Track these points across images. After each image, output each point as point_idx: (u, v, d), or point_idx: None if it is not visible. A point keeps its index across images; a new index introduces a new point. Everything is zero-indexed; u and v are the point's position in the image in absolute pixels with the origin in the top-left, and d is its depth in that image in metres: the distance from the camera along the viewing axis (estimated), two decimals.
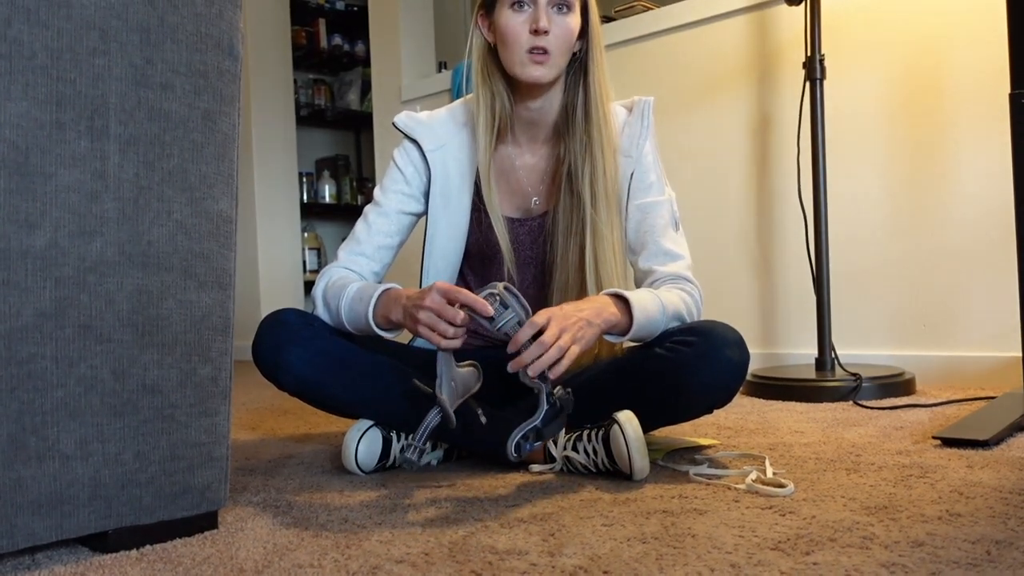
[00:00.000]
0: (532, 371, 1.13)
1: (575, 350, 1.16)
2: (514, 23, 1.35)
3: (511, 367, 1.14)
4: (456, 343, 1.18)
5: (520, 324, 1.15)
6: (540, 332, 1.14)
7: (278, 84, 4.21)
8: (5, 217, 0.83)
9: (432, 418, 1.18)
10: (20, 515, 0.86)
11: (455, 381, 1.20)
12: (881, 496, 1.08)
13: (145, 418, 0.94)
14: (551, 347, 1.13)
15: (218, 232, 1.00)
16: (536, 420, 1.15)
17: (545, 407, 1.16)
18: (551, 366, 1.14)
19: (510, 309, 1.14)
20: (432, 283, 1.21)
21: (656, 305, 1.28)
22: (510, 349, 1.14)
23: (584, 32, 1.40)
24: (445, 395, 1.18)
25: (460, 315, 1.16)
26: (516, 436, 1.15)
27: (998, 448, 1.35)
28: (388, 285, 1.33)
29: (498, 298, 1.14)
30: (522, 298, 1.16)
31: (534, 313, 1.16)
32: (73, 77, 0.87)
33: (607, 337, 1.27)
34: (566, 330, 1.15)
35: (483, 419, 1.24)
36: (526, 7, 1.35)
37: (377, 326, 1.30)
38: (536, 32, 1.33)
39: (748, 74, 2.55)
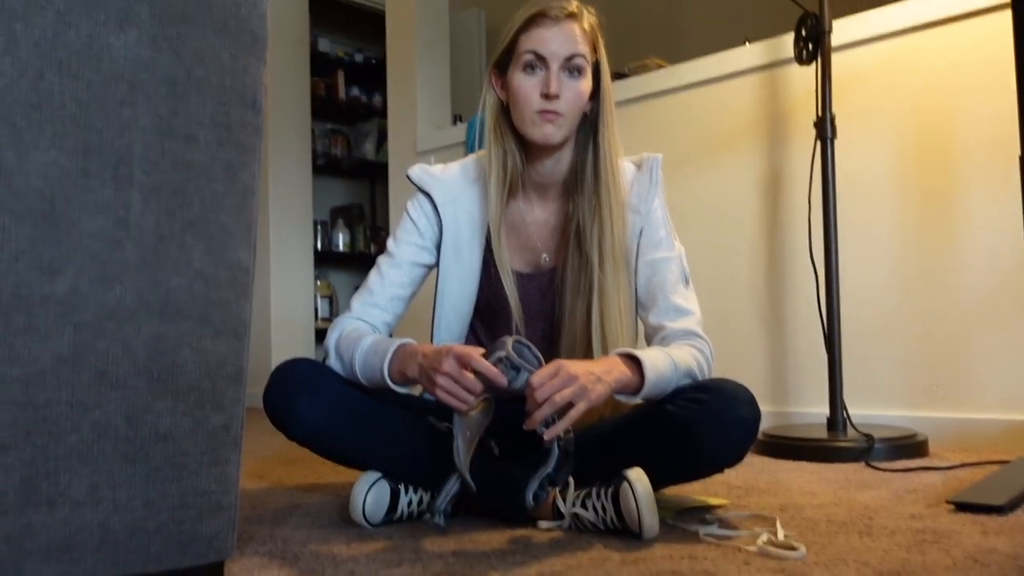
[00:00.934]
0: (539, 417, 1.17)
1: (582, 406, 1.17)
2: (526, 85, 1.37)
3: (527, 425, 1.17)
4: (474, 407, 1.21)
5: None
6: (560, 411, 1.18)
7: (296, 133, 4.28)
8: (29, 264, 0.84)
9: (452, 485, 1.20)
10: (29, 560, 0.85)
11: (470, 431, 1.22)
12: (894, 561, 1.07)
13: (156, 465, 0.94)
14: (558, 394, 1.15)
15: (235, 282, 1.01)
16: (548, 467, 1.17)
17: (556, 453, 1.17)
18: (553, 422, 1.16)
19: (522, 371, 1.16)
20: (448, 346, 1.23)
21: (668, 364, 1.28)
22: (526, 427, 1.18)
23: (596, 93, 1.42)
24: (462, 458, 1.19)
25: (478, 386, 1.19)
26: (533, 485, 1.16)
27: (1013, 514, 1.33)
28: (403, 340, 1.34)
29: (508, 361, 1.16)
30: (534, 349, 1.18)
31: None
32: (100, 127, 0.90)
33: (619, 397, 1.27)
34: (573, 381, 1.16)
35: (496, 451, 1.28)
36: (538, 70, 1.37)
37: (392, 381, 1.31)
38: (547, 97, 1.35)
39: (759, 132, 2.58)
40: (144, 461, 0.93)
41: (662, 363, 1.27)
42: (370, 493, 1.32)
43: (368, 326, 1.43)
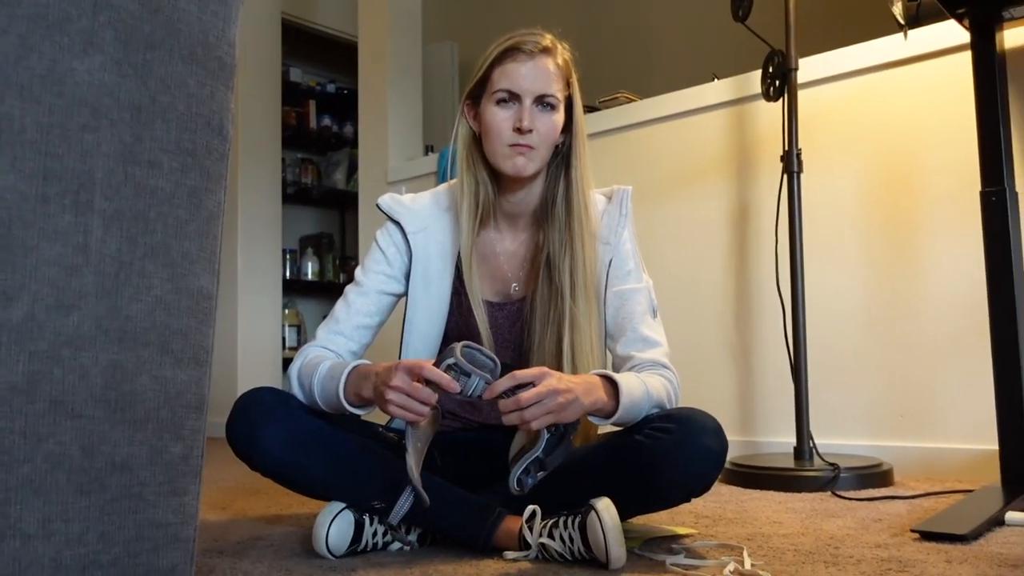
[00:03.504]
0: (507, 421, 1.16)
1: (548, 419, 1.17)
2: (499, 119, 1.38)
3: (506, 421, 1.16)
4: (427, 418, 1.20)
5: (488, 382, 1.16)
6: (521, 385, 1.17)
7: (266, 162, 4.27)
8: None
9: (405, 499, 1.18)
10: None
11: (420, 442, 1.21)
12: None
13: (112, 496, 0.92)
14: (531, 406, 1.15)
15: (197, 308, 1.00)
16: (537, 450, 1.14)
17: (546, 435, 1.15)
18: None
19: (473, 376, 1.15)
20: (398, 361, 1.22)
21: (641, 390, 1.28)
22: (486, 397, 1.17)
23: (568, 126, 1.43)
24: (415, 471, 1.17)
25: (433, 396, 1.18)
26: (517, 471, 1.14)
27: (976, 543, 1.34)
28: (359, 362, 1.33)
29: (458, 368, 1.15)
30: (486, 351, 1.18)
31: (507, 367, 1.18)
32: (61, 152, 0.88)
33: (591, 418, 1.27)
34: (555, 395, 1.16)
35: (438, 462, 1.30)
36: (511, 104, 1.38)
37: (349, 403, 1.30)
38: (519, 131, 1.36)
39: (727, 166, 2.62)
40: (100, 492, 0.91)
41: (637, 390, 1.28)
42: (333, 524, 1.30)
43: (332, 354, 1.42)
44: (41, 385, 0.87)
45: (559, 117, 1.40)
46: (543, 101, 1.37)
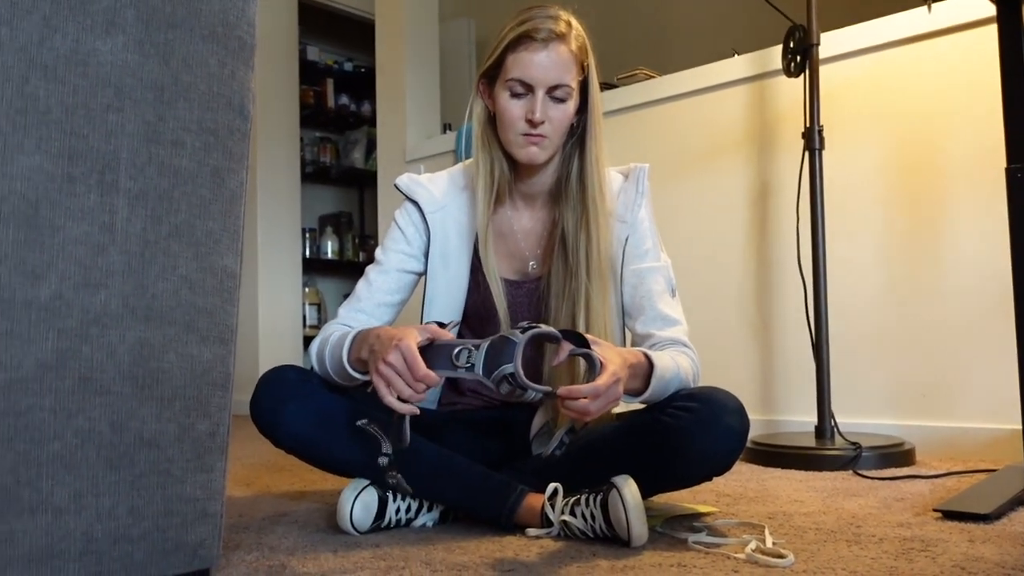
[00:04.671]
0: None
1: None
2: (511, 108, 1.37)
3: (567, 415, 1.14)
4: (413, 411, 1.16)
5: (541, 395, 1.10)
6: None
7: (285, 141, 4.27)
8: (12, 268, 0.83)
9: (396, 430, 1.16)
10: (10, 569, 0.84)
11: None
12: (882, 570, 1.07)
13: (141, 472, 0.93)
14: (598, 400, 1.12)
15: (222, 287, 1.01)
16: (568, 424, 1.13)
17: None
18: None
19: (528, 391, 1.09)
20: (402, 333, 1.16)
21: (673, 372, 1.28)
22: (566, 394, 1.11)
23: (584, 105, 1.42)
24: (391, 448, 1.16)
25: (418, 395, 1.14)
26: (552, 446, 1.12)
27: (999, 522, 1.34)
28: (366, 327, 1.31)
29: (514, 381, 1.08)
30: (515, 343, 1.10)
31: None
32: (86, 132, 0.89)
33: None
34: (616, 386, 1.14)
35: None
36: (524, 94, 1.37)
37: (353, 369, 1.29)
38: (531, 123, 1.36)
39: (747, 143, 2.59)
40: (128, 468, 0.93)
41: (669, 371, 1.27)
42: (358, 500, 1.31)
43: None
44: (70, 362, 0.88)
45: (572, 104, 1.39)
46: (556, 91, 1.36)
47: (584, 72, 1.40)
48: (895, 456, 2.00)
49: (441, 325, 1.22)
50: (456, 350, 1.14)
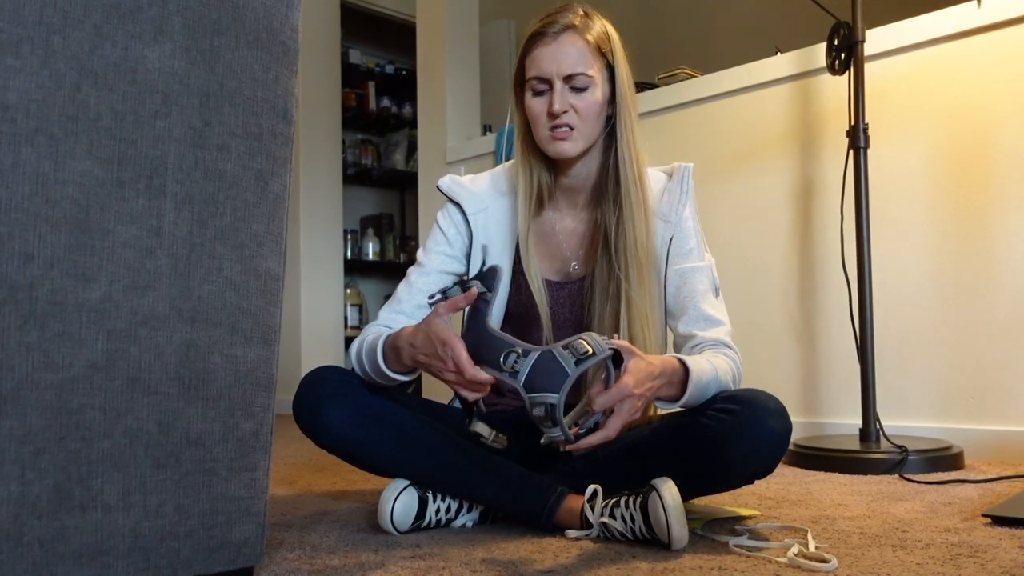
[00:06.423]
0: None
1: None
2: (536, 107, 1.39)
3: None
4: (480, 392, 1.20)
5: (560, 437, 1.12)
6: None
7: (327, 144, 4.32)
8: (64, 271, 0.86)
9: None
10: (61, 564, 0.87)
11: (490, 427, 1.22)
12: None
13: (187, 471, 0.95)
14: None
15: (266, 289, 1.02)
16: (597, 416, 1.17)
17: None
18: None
19: (556, 428, 1.10)
20: (443, 339, 1.20)
21: (711, 375, 1.27)
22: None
23: (613, 98, 1.42)
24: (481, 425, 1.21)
25: (483, 388, 1.19)
26: (589, 424, 1.16)
27: None
28: (389, 333, 1.34)
29: (554, 413, 1.09)
30: (559, 357, 1.10)
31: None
32: (135, 138, 0.91)
33: (656, 403, 1.27)
34: (633, 399, 1.16)
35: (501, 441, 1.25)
36: (545, 91, 1.38)
37: (395, 372, 1.31)
38: (552, 116, 1.36)
39: (791, 141, 2.56)
40: (175, 467, 0.95)
41: (706, 374, 1.27)
42: (398, 500, 1.32)
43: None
44: (119, 363, 0.90)
45: (597, 93, 1.38)
46: (574, 80, 1.36)
47: (606, 59, 1.40)
48: (942, 460, 1.96)
49: (473, 284, 1.22)
50: (505, 352, 1.14)
